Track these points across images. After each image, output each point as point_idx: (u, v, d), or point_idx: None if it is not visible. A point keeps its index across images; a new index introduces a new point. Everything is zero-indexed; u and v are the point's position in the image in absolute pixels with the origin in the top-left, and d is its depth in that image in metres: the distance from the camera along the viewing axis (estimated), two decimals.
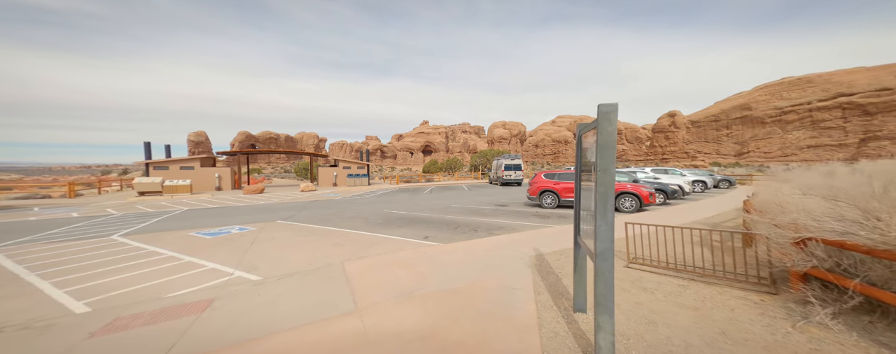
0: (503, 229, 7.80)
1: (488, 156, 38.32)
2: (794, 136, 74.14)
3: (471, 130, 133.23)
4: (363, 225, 8.62)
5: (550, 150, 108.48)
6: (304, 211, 11.74)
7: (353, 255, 5.62)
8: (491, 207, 11.94)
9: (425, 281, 4.23)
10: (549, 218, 9.36)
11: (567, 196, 11.09)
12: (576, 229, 3.28)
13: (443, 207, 12.14)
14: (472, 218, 9.54)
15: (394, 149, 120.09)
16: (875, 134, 64.40)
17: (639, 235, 6.62)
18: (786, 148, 74.22)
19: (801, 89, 75.91)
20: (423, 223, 8.74)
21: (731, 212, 9.57)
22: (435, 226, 8.21)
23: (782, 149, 74.56)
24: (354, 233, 7.55)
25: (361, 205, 13.21)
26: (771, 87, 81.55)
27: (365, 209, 11.98)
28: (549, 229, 7.58)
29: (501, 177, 23.17)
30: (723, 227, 7.40)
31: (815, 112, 71.65)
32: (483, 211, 10.81)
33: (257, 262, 5.31)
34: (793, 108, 74.45)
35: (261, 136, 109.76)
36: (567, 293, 3.77)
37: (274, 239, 6.99)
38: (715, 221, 8.21)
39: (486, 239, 6.60)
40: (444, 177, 34.06)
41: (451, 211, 11.13)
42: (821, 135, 70.98)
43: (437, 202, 14.04)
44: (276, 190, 22.89)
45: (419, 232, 7.50)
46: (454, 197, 15.96)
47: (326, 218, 9.75)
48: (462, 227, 8.08)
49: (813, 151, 71.55)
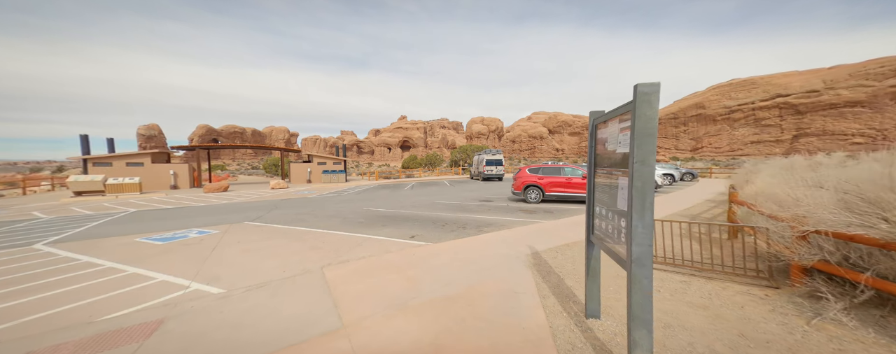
0: (492, 226, 7.52)
1: (468, 152, 38.20)
2: (740, 133, 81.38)
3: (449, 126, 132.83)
4: (343, 224, 7.96)
5: (527, 146, 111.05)
6: (275, 210, 10.76)
7: (334, 260, 5.04)
8: (476, 203, 11.67)
9: (418, 288, 3.80)
10: (536, 213, 9.24)
11: (551, 190, 11.07)
12: (589, 227, 3.00)
13: (427, 204, 11.68)
14: (459, 214, 9.19)
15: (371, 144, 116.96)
16: (805, 131, 72.39)
17: None
18: (733, 143, 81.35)
19: (747, 90, 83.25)
20: (407, 221, 8.25)
21: (704, 204, 10.01)
22: (421, 224, 7.76)
23: (730, 144, 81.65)
24: (334, 234, 6.91)
25: (340, 203, 12.40)
26: (721, 88, 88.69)
27: (344, 207, 11.23)
28: (538, 224, 7.41)
29: (483, 172, 23.06)
30: (715, 221, 7.62)
31: (758, 111, 79.05)
32: (469, 207, 10.50)
33: (220, 271, 4.57)
34: (739, 107, 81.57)
35: (224, 131, 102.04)
36: (574, 296, 3.51)
37: (240, 243, 6.18)
38: (694, 213, 8.49)
39: (476, 238, 6.26)
40: (425, 172, 33.47)
41: (436, 207, 10.71)
42: (762, 132, 78.52)
43: (421, 198, 13.55)
44: (242, 187, 21.13)
45: (405, 232, 7.01)
46: (437, 193, 15.54)
47: (301, 218, 8.95)
48: (449, 224, 7.70)
49: (755, 146, 79.04)
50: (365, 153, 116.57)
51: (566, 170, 11.13)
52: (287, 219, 8.81)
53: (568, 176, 10.98)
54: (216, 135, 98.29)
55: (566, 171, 11.11)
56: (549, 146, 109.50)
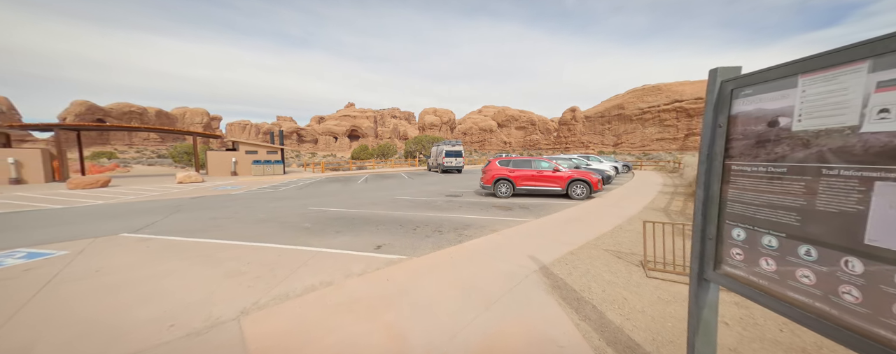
0: (472, 227, 6.31)
1: (424, 143, 36.56)
2: (649, 132, 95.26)
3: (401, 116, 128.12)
4: (280, 232, 5.89)
5: (478, 138, 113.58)
6: (176, 213, 7.89)
7: (263, 296, 3.23)
8: (443, 198, 10.37)
9: (407, 349, 2.34)
10: (512, 209, 8.35)
11: (523, 184, 10.36)
12: (700, 255, 1.90)
13: (387, 200, 9.96)
14: (429, 213, 7.78)
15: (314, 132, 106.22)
16: (693, 131, 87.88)
17: (624, 229, 5.99)
18: (644, 140, 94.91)
19: (654, 95, 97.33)
20: (368, 224, 6.54)
21: (660, 196, 10.37)
22: (386, 229, 6.15)
23: (642, 141, 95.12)
24: (266, 248, 4.89)
25: (275, 201, 9.86)
26: (636, 92, 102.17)
27: (282, 206, 8.84)
28: (524, 225, 6.43)
29: (442, 163, 21.84)
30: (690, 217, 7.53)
31: (662, 113, 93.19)
32: (437, 204, 9.14)
33: (40, 334, 2.42)
34: (649, 109, 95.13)
35: (113, 109, 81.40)
36: (634, 344, 2.46)
37: (99, 273, 3.84)
38: (660, 206, 8.53)
39: (461, 247, 4.96)
40: (378, 163, 30.87)
41: (400, 205, 9.10)
42: (664, 132, 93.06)
43: (379, 194, 11.70)
44: (135, 182, 16.17)
45: (368, 240, 5.35)
46: (396, 187, 13.80)
47: (217, 225, 6.51)
48: (422, 228, 6.25)
49: (659, 143, 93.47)
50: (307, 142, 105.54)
51: (536, 164, 10.51)
52: (194, 227, 6.29)
53: (539, 169, 10.37)
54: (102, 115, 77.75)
55: (536, 165, 10.49)
56: (498, 139, 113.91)
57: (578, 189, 9.83)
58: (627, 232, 5.70)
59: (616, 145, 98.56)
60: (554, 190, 10.10)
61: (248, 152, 20.05)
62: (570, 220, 6.64)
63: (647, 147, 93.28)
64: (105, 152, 43.34)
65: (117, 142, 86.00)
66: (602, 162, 18.46)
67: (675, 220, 6.48)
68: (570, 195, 9.88)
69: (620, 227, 5.99)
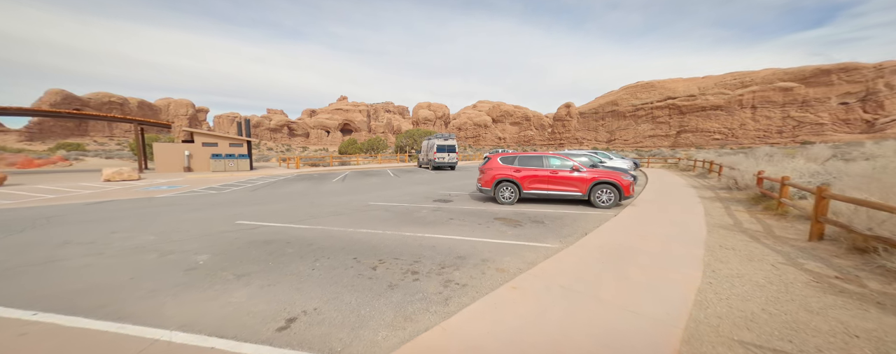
0: (466, 262, 3.85)
1: (416, 137, 33.83)
2: (642, 128, 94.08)
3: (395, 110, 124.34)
4: (138, 277, 3.32)
5: (472, 133, 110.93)
6: (12, 235, 5.20)
7: None
8: (430, 205, 7.88)
9: None
10: (522, 223, 5.91)
11: (531, 187, 7.91)
12: None
13: (357, 208, 7.43)
14: (406, 231, 5.28)
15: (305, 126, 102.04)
16: (685, 128, 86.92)
17: (719, 273, 3.55)
18: (637, 137, 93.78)
19: (648, 91, 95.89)
20: (305, 256, 4.01)
21: (714, 205, 8.02)
22: (329, 268, 3.63)
23: (635, 137, 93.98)
24: (47, 329, 2.31)
25: (199, 210, 7.22)
26: (629, 89, 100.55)
27: (198, 219, 6.21)
28: (550, 263, 3.95)
29: (433, 159, 19.28)
30: None
31: (655, 110, 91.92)
32: (420, 215, 6.64)
33: None
34: (642, 106, 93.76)
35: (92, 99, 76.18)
36: None
37: None
38: (724, 220, 6.16)
39: (451, 325, 2.48)
40: (365, 159, 28.09)
41: (370, 216, 6.57)
42: (657, 128, 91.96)
43: (350, 197, 9.14)
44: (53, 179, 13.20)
45: (278, 300, 2.84)
46: (376, 188, 11.25)
47: (39, 263, 3.88)
48: (389, 264, 3.76)
49: (651, 140, 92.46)
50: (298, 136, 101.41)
51: (548, 161, 8.05)
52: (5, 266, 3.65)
53: (552, 168, 7.93)
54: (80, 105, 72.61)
55: (548, 163, 8.03)
56: (493, 134, 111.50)
57: (604, 194, 7.43)
58: (730, 278, 3.31)
59: (609, 141, 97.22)
60: (572, 196, 7.70)
61: (207, 144, 16.94)
62: (618, 250, 4.23)
63: (640, 143, 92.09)
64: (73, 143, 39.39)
65: (97, 133, 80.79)
66: (612, 159, 16.15)
67: (795, 256, 4.12)
68: (593, 202, 7.49)
69: (712, 269, 3.60)
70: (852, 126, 66.45)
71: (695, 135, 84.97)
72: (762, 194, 7.12)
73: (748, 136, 78.16)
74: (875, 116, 63.97)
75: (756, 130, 77.47)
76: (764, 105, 77.27)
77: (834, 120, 68.49)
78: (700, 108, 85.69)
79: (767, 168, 8.16)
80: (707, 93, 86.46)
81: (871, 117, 64.36)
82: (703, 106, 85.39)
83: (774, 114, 75.68)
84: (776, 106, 75.41)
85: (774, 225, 5.52)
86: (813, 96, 71.31)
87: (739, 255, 3.95)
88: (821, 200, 4.22)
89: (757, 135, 76.85)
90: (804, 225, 5.34)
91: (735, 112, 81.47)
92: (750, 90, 79.34)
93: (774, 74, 77.48)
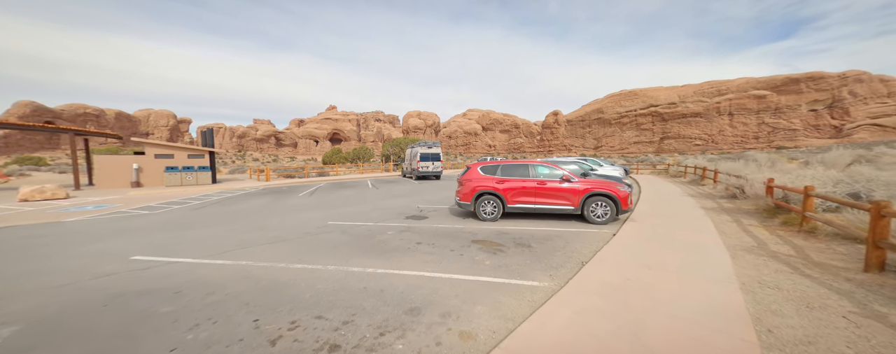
0: (422, 317, 2.65)
1: (402, 145, 32.67)
2: (627, 135, 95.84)
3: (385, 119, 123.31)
4: None
5: (463, 142, 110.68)
6: None
7: None
8: (400, 224, 6.65)
9: None
10: (505, 248, 4.75)
11: (516, 201, 6.81)
12: None
13: (308, 230, 6.13)
14: (355, 266, 4.03)
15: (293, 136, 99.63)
16: (667, 134, 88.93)
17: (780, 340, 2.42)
18: (622, 143, 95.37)
19: (631, 100, 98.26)
20: (181, 319, 2.70)
21: (722, 219, 7.08)
22: (202, 346, 2.35)
23: (620, 144, 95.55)
24: None
25: (96, 243, 5.76)
26: (614, 97, 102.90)
27: (83, 254, 4.79)
28: (540, 318, 2.78)
29: (416, 169, 18.09)
30: None
31: (639, 117, 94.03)
32: (383, 240, 5.40)
33: None
34: (627, 114, 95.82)
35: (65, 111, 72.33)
36: None
37: None
38: (743, 241, 5.16)
39: None
40: (348, 169, 26.63)
41: (319, 242, 5.29)
42: (641, 135, 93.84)
43: (309, 215, 7.82)
44: None
45: None
46: (345, 203, 9.95)
47: None
48: (304, 329, 2.50)
49: (636, 146, 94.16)
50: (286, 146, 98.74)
51: (534, 170, 6.99)
52: None
53: (539, 178, 6.87)
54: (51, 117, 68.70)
55: (534, 172, 6.97)
56: (483, 142, 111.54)
57: (600, 208, 6.39)
58: (797, 345, 2.20)
59: (596, 148, 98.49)
60: (562, 210, 6.63)
61: (160, 156, 15.08)
62: (627, 293, 3.11)
63: (626, 150, 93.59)
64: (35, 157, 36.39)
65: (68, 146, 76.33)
66: (602, 165, 15.34)
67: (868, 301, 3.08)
68: (587, 217, 6.43)
69: (767, 328, 2.50)
70: (822, 131, 69.14)
71: (677, 142, 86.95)
72: (776, 206, 6.23)
73: (727, 142, 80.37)
74: (842, 122, 66.79)
75: (734, 136, 79.79)
76: (740, 112, 79.96)
77: (805, 126, 71.20)
78: (681, 115, 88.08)
79: (773, 174, 7.33)
80: (687, 100, 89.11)
81: (839, 123, 67.18)
82: (684, 113, 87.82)
83: (750, 120, 78.29)
84: (751, 113, 78.11)
85: (806, 246, 4.54)
86: (784, 103, 74.25)
87: (792, 300, 2.89)
88: (880, 219, 3.24)
89: (735, 140, 79.12)
90: (844, 246, 4.38)
91: (714, 119, 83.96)
92: (726, 98, 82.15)
93: (748, 83, 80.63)
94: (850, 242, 4.49)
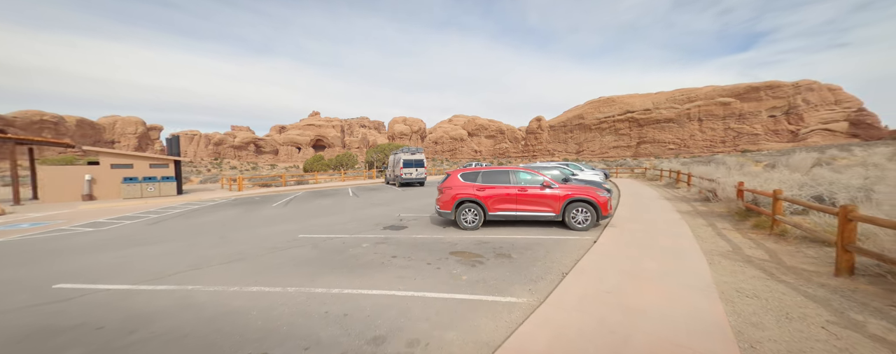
0: (387, 346, 2.33)
1: (386, 151, 32.16)
2: (606, 140, 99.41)
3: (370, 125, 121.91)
4: None
5: (449, 147, 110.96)
6: None
7: None
8: (377, 235, 6.29)
9: None
10: (484, 260, 4.51)
11: (497, 208, 6.63)
12: None
13: (275, 245, 5.65)
14: (319, 287, 3.66)
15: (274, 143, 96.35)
16: (644, 139, 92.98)
17: None
18: (602, 148, 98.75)
19: (609, 106, 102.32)
20: None
21: (698, 223, 7.18)
22: None
23: (600, 148, 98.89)
24: None
25: (17, 267, 5.08)
26: (593, 103, 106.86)
27: None
28: (517, 341, 2.55)
29: (400, 175, 17.70)
30: None
31: (617, 123, 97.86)
32: (357, 252, 5.04)
33: None
34: (605, 119, 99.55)
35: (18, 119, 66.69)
36: None
37: None
38: (719, 246, 5.18)
39: None
40: (331, 176, 25.78)
41: (284, 259, 4.85)
42: (619, 140, 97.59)
43: (279, 228, 7.30)
44: None
45: None
46: (321, 213, 9.45)
47: None
48: None
49: (616, 150, 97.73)
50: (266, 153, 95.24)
51: (515, 177, 6.85)
52: None
53: (520, 184, 6.73)
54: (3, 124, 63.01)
55: (515, 178, 6.84)
56: (469, 148, 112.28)
57: (580, 214, 6.32)
58: None
59: (578, 153, 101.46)
60: (544, 217, 6.51)
61: (117, 166, 13.71)
62: (609, 308, 2.94)
63: (606, 154, 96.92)
64: None
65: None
66: (583, 170, 15.58)
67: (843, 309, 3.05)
68: (568, 223, 6.34)
69: (750, 344, 2.37)
70: (781, 136, 74.50)
71: (653, 146, 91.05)
72: (747, 208, 6.39)
73: (698, 146, 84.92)
74: (798, 127, 72.35)
75: (704, 140, 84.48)
76: (708, 118, 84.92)
77: (766, 130, 76.52)
78: (655, 121, 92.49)
79: (742, 178, 7.57)
80: (660, 107, 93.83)
81: (795, 128, 72.72)
82: (658, 119, 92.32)
83: (718, 125, 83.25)
84: (718, 118, 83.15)
85: (778, 249, 4.59)
86: (747, 110, 79.63)
87: (771, 310, 2.80)
88: (847, 223, 3.27)
89: (705, 144, 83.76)
90: (814, 249, 4.45)
91: (685, 124, 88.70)
92: (695, 105, 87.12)
93: (714, 91, 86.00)
94: (819, 245, 4.59)
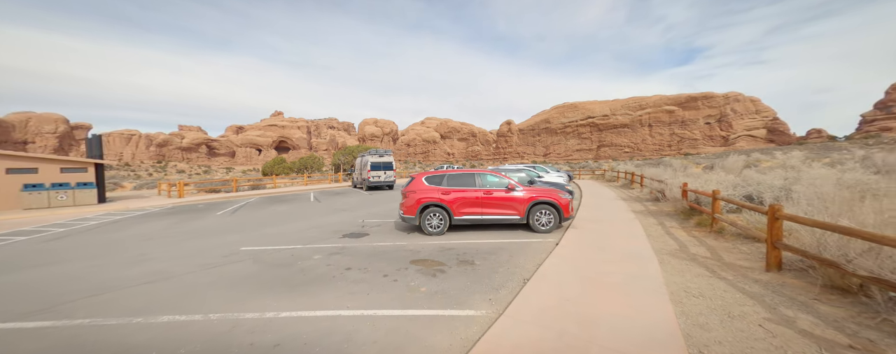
0: None
1: (355, 154, 30.88)
2: (570, 143, 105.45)
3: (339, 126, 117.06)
4: None
5: (421, 150, 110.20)
6: None
7: None
8: (334, 244, 5.77)
9: None
10: (447, 268, 4.27)
11: (462, 212, 6.45)
12: None
13: (207, 261, 4.89)
14: (250, 311, 3.13)
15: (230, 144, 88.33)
16: (603, 143, 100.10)
17: None
18: (567, 151, 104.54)
19: (573, 111, 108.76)
20: None
21: (650, 222, 7.58)
22: None
23: (565, 151, 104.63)
24: None
25: None
26: (558, 108, 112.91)
27: None
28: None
29: (367, 179, 16.94)
30: None
31: (579, 128, 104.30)
32: (308, 265, 4.51)
33: None
34: (570, 124, 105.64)
35: None
36: None
37: None
38: (668, 245, 5.46)
39: None
40: (293, 180, 24.00)
41: (216, 278, 4.19)
42: (581, 143, 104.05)
43: (218, 240, 6.43)
44: None
45: None
46: (274, 221, 8.59)
47: None
48: None
49: (579, 153, 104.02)
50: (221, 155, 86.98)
51: (481, 180, 6.74)
52: None
53: (486, 188, 6.62)
54: None
55: (481, 181, 6.72)
56: (442, 150, 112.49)
57: (544, 216, 6.36)
58: None
59: (545, 155, 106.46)
60: (509, 220, 6.46)
61: (15, 170, 11.37)
62: (564, 310, 2.84)
63: (570, 157, 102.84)
64: None
65: None
66: (549, 172, 16.13)
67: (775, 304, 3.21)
68: (532, 225, 6.35)
69: (699, 348, 2.37)
70: (715, 141, 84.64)
71: (611, 149, 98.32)
72: (691, 207, 6.90)
73: (649, 150, 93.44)
74: (728, 133, 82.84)
75: (653, 145, 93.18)
76: (657, 124, 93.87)
77: (703, 136, 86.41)
78: (613, 126, 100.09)
79: (687, 180, 8.21)
80: (617, 113, 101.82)
81: (726, 134, 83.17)
82: (615, 124, 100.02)
83: (664, 131, 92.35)
84: (665, 125, 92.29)
85: (717, 246, 4.93)
86: (688, 117, 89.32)
87: (715, 310, 2.89)
88: (774, 222, 3.53)
89: (654, 148, 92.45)
90: (747, 245, 4.84)
91: (638, 129, 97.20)
92: (646, 112, 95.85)
93: (661, 99, 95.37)
94: (751, 241, 5.00)
